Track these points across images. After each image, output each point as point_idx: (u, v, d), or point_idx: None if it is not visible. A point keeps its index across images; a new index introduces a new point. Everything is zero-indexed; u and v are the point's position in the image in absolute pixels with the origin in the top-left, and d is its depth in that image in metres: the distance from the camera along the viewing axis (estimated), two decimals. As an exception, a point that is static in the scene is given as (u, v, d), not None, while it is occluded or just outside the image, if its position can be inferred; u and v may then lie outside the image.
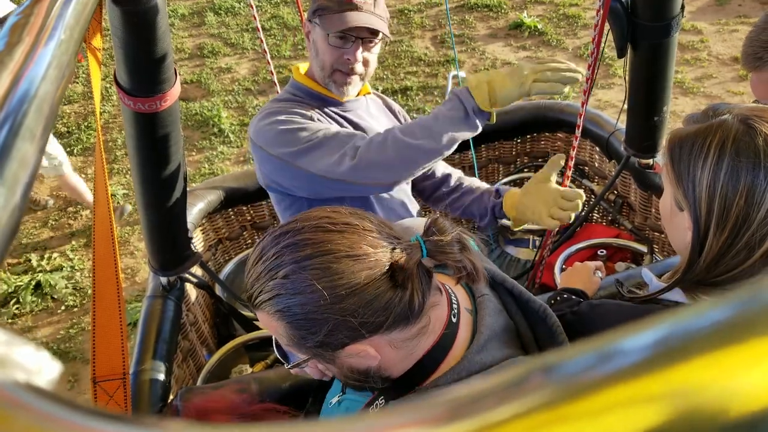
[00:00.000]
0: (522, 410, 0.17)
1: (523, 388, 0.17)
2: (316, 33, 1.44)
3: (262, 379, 1.41)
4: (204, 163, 3.95)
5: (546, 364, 0.18)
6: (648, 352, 0.17)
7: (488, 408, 0.17)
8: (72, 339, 2.90)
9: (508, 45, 5.01)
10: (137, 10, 1.02)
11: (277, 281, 0.71)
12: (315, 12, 1.42)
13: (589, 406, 0.16)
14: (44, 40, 0.52)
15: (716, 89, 4.26)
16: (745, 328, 0.17)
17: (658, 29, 1.51)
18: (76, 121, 4.44)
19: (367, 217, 0.76)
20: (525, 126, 2.35)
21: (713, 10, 5.25)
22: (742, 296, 0.18)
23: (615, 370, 0.17)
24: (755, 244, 0.76)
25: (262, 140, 1.43)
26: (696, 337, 0.17)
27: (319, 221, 0.73)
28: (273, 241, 0.74)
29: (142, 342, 1.55)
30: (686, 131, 0.82)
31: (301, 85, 1.53)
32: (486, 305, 0.87)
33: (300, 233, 0.72)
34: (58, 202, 3.74)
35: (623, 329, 0.18)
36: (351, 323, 0.70)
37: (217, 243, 2.21)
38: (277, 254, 0.72)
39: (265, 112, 1.46)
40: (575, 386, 0.17)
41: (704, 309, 0.18)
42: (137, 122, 1.24)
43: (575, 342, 0.73)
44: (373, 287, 0.70)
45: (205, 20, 5.65)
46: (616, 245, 2.06)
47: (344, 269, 0.69)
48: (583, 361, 0.18)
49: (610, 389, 0.16)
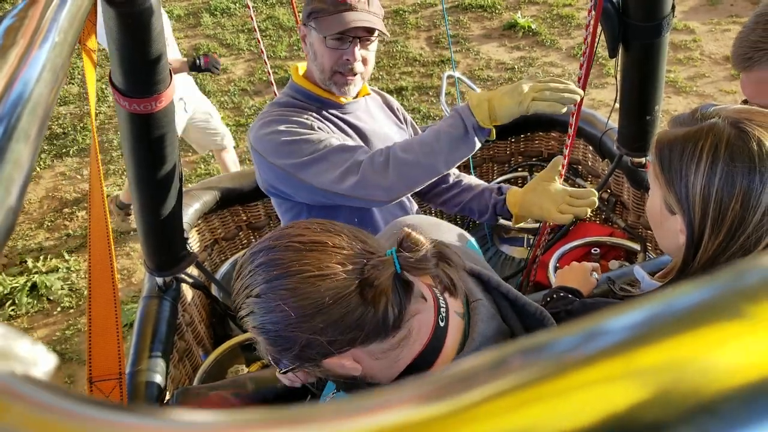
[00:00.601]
0: (508, 387, 0.17)
1: (510, 366, 0.18)
2: (312, 36, 1.43)
3: (258, 379, 1.42)
4: (200, 164, 3.95)
5: (533, 344, 0.19)
6: (631, 331, 0.18)
7: (475, 386, 0.17)
8: (68, 340, 2.89)
9: (502, 45, 5.02)
10: (132, 12, 1.03)
11: (252, 299, 0.74)
12: (310, 15, 1.41)
13: (573, 382, 0.17)
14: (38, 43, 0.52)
15: (709, 88, 4.28)
16: (722, 308, 0.17)
17: (650, 29, 1.52)
18: (71, 122, 4.44)
19: (341, 233, 0.76)
20: (519, 125, 2.36)
21: (705, 9, 5.28)
22: (722, 278, 0.19)
23: (599, 348, 0.17)
24: (750, 246, 0.77)
25: (262, 148, 1.43)
26: (677, 317, 0.18)
27: (290, 240, 0.74)
28: (249, 258, 0.76)
29: (138, 342, 1.55)
30: (675, 134, 0.82)
31: (300, 87, 1.53)
32: (479, 310, 0.87)
33: (272, 252, 0.74)
34: (53, 204, 3.73)
35: (608, 311, 0.19)
36: (319, 341, 0.72)
37: (213, 243, 2.22)
38: (252, 272, 0.74)
39: (266, 119, 1.46)
40: (561, 363, 0.17)
41: (685, 290, 0.19)
42: (133, 123, 1.25)
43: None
44: (342, 305, 0.71)
45: (201, 21, 5.64)
46: (610, 243, 2.07)
47: (311, 290, 0.70)
48: (568, 341, 0.18)
49: (595, 366, 0.17)
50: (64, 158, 4.11)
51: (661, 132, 0.86)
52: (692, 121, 0.82)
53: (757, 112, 0.79)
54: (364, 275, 0.72)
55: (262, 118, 1.47)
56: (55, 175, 3.98)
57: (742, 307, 0.17)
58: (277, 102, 1.55)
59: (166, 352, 1.56)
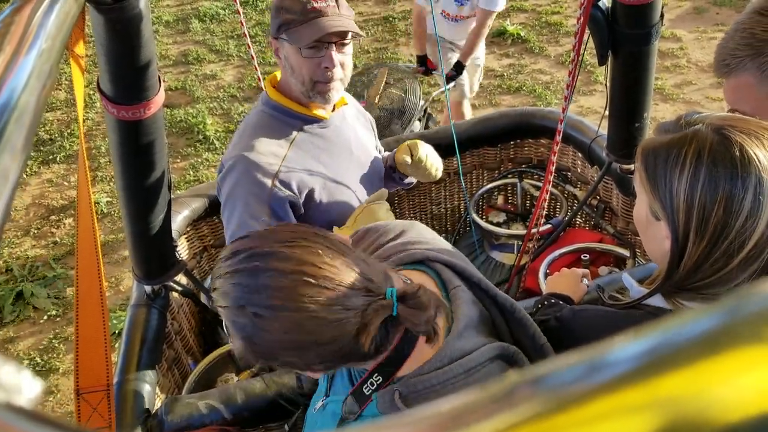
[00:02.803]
0: (511, 422, 0.16)
1: (512, 399, 0.17)
2: (286, 49, 1.40)
3: (247, 388, 1.40)
4: (189, 171, 3.93)
5: (535, 376, 0.18)
6: (635, 362, 0.17)
7: (476, 421, 0.17)
8: (54, 350, 2.86)
9: (491, 52, 5.05)
10: (121, 18, 1.02)
11: (247, 313, 0.72)
12: (280, 28, 1.38)
13: (578, 417, 0.16)
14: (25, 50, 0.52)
15: (696, 95, 4.33)
16: (728, 338, 0.17)
17: (638, 37, 1.53)
18: (58, 128, 4.40)
19: (351, 264, 0.75)
20: (508, 132, 2.37)
21: (692, 18, 5.34)
22: (726, 306, 0.18)
23: (603, 381, 0.17)
24: (734, 251, 0.77)
25: (220, 191, 1.48)
26: (682, 348, 0.17)
27: (303, 269, 0.72)
28: (251, 269, 0.73)
29: (126, 351, 1.53)
30: (659, 141, 0.83)
31: (277, 104, 1.49)
32: (460, 296, 0.90)
33: (281, 277, 0.71)
34: (40, 211, 3.69)
35: (611, 340, 0.18)
36: (300, 364, 0.77)
37: (203, 251, 2.20)
38: (254, 289, 0.72)
39: (235, 162, 1.42)
40: (564, 397, 0.17)
41: (689, 319, 0.18)
42: (121, 130, 1.24)
43: (558, 349, 0.74)
44: (337, 344, 0.73)
45: (190, 27, 5.63)
46: (600, 250, 2.08)
47: (314, 329, 0.72)
48: (571, 372, 0.18)
49: (599, 400, 0.16)
50: (51, 165, 4.07)
51: (646, 139, 0.87)
52: (676, 128, 0.83)
53: (739, 119, 0.80)
54: (364, 320, 0.73)
55: (232, 156, 1.43)
56: (42, 182, 3.93)
57: (746, 336, 0.17)
58: (254, 123, 1.49)
59: (155, 361, 1.54)
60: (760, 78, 0.96)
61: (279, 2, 1.38)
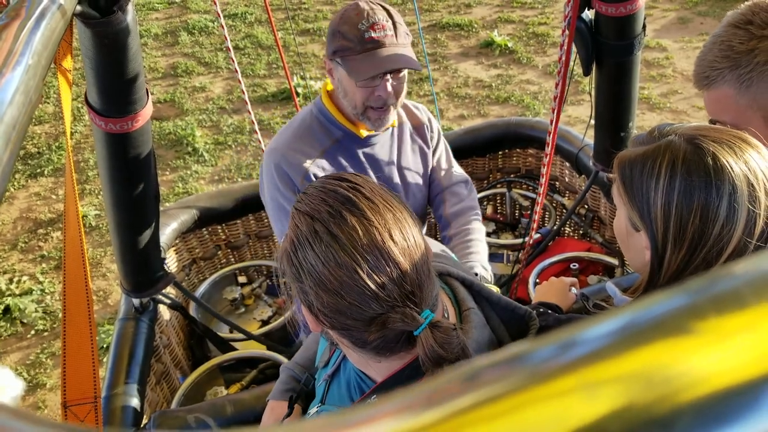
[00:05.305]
0: (490, 395, 0.18)
1: (492, 376, 0.19)
2: (340, 73, 1.37)
3: (237, 402, 1.40)
4: (178, 183, 3.92)
5: (512, 355, 0.19)
6: (605, 340, 0.18)
7: (445, 400, 0.18)
8: (42, 364, 2.83)
9: (479, 63, 5.09)
10: (108, 32, 1.02)
11: (310, 223, 0.73)
12: (335, 53, 1.34)
13: (552, 390, 0.17)
14: (11, 66, 0.52)
15: (681, 104, 4.39)
16: (693, 315, 0.18)
17: (622, 48, 1.56)
18: (46, 142, 4.38)
19: (419, 266, 0.75)
20: (497, 142, 2.39)
21: (677, 28, 5.42)
22: (691, 288, 0.19)
23: (576, 357, 0.18)
24: (712, 258, 0.79)
25: (261, 179, 1.55)
26: (649, 325, 0.18)
27: (383, 232, 0.72)
28: (344, 198, 0.74)
29: (114, 365, 1.52)
30: (634, 153, 0.84)
31: (327, 111, 1.49)
32: (472, 318, 0.89)
33: (363, 220, 0.72)
34: (27, 224, 3.67)
35: (583, 322, 0.20)
36: (315, 297, 0.74)
37: (191, 263, 2.19)
38: (334, 212, 0.73)
39: (267, 153, 1.50)
40: (539, 373, 0.18)
41: (657, 299, 0.19)
42: (109, 143, 1.24)
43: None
44: (350, 311, 0.72)
45: (179, 39, 5.64)
46: (588, 259, 2.10)
47: (346, 281, 0.71)
48: (546, 351, 0.19)
49: (572, 374, 0.17)
50: (38, 178, 4.05)
51: (621, 152, 0.88)
52: (650, 140, 0.84)
53: (711, 129, 0.82)
54: (386, 314, 0.72)
55: (272, 145, 1.50)
56: (30, 196, 3.91)
57: (690, 324, 0.18)
58: (299, 125, 1.52)
59: (143, 375, 1.53)
60: (740, 89, 0.98)
61: (336, 26, 1.34)
